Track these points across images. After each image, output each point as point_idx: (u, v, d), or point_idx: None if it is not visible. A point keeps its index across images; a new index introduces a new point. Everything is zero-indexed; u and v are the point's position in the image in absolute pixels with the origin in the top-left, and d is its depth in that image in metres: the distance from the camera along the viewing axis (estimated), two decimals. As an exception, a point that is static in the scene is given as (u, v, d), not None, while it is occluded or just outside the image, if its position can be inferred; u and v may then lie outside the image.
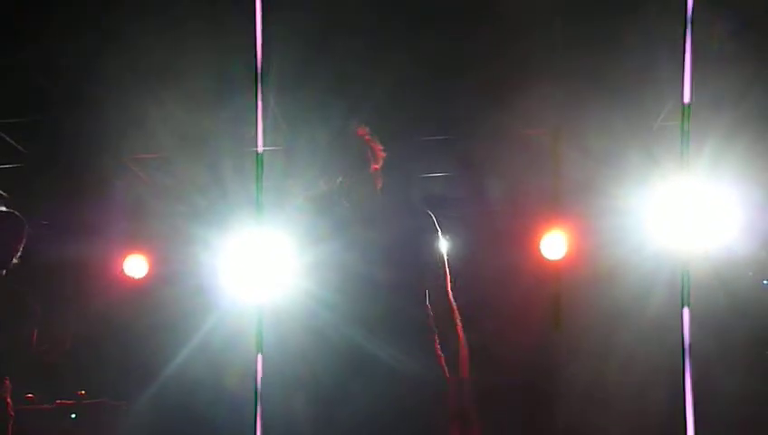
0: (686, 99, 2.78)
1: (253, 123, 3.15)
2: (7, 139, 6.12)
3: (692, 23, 2.82)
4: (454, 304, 3.74)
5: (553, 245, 6.35)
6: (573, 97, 5.85)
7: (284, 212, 5.39)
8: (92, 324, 6.53)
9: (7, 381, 4.42)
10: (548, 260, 6.37)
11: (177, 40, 5.16)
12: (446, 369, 3.64)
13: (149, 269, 6.66)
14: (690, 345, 2.92)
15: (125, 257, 6.68)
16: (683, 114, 2.90)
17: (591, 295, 6.08)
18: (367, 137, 3.71)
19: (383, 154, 3.74)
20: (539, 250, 6.38)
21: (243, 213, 5.88)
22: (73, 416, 6.48)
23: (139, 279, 6.68)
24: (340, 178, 3.62)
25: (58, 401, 6.47)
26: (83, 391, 6.56)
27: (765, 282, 6.31)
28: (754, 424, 5.85)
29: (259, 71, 2.93)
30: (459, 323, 3.74)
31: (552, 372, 6.40)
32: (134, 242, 6.66)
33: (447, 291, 3.71)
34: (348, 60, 5.62)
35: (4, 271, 4.35)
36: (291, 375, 4.30)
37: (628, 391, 5.91)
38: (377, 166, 3.71)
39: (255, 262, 5.61)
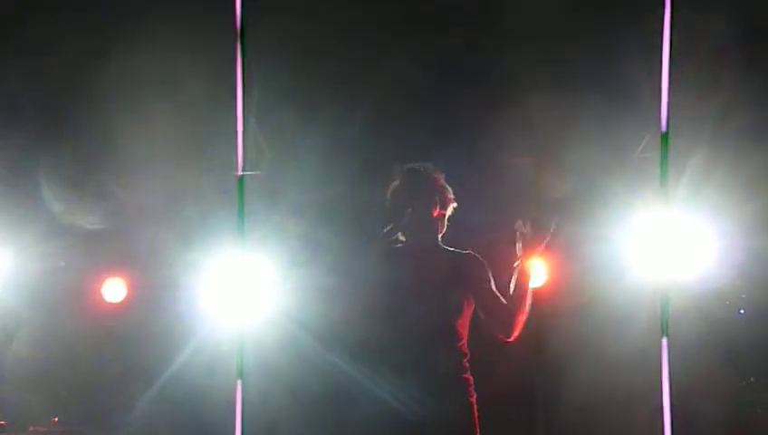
0: (664, 127, 2.82)
1: (234, 147, 3.16)
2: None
3: (669, 53, 2.87)
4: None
5: (534, 272, 6.36)
6: (555, 127, 5.90)
7: (266, 237, 5.39)
8: (70, 348, 6.48)
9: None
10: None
11: (164, 61, 5.17)
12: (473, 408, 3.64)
13: (128, 293, 6.63)
14: (669, 374, 2.94)
15: (104, 281, 6.64)
16: (661, 142, 2.93)
17: (572, 323, 6.10)
18: (440, 182, 3.72)
19: (452, 202, 3.74)
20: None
21: (224, 237, 5.86)
22: (48, 443, 6.42)
23: (117, 303, 6.64)
24: (408, 210, 3.61)
25: (32, 429, 6.40)
26: (56, 419, 6.50)
27: (742, 311, 6.36)
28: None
29: (239, 93, 2.95)
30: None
31: (533, 398, 6.41)
32: (113, 265, 6.63)
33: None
34: (329, 81, 5.64)
35: None
36: (273, 400, 4.29)
37: (610, 417, 5.93)
38: (443, 212, 3.71)
39: (237, 286, 5.59)
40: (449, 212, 3.77)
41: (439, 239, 3.76)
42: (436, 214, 3.71)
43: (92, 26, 5.42)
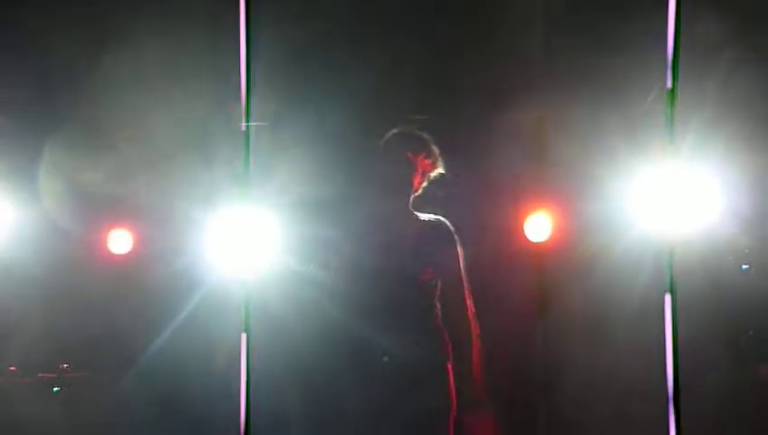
0: (669, 83, 2.81)
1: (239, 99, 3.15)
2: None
3: (677, 7, 2.84)
4: (468, 294, 3.74)
5: (538, 227, 6.39)
6: (559, 82, 5.89)
7: (272, 190, 5.41)
8: (76, 297, 6.52)
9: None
10: (532, 242, 6.42)
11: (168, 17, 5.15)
12: (450, 355, 3.66)
13: (134, 245, 6.65)
14: (675, 331, 2.95)
15: (108, 232, 6.66)
16: (667, 99, 2.93)
17: (575, 278, 6.13)
18: (420, 163, 3.69)
19: (435, 166, 3.71)
20: (523, 232, 6.42)
21: (229, 190, 5.88)
22: (56, 389, 6.48)
23: (122, 255, 6.66)
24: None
25: (40, 375, 6.47)
26: (66, 365, 6.56)
27: (745, 267, 6.37)
28: (738, 409, 5.93)
29: (242, 45, 2.93)
30: (473, 318, 3.74)
31: (536, 357, 6.45)
32: (118, 217, 6.65)
33: (461, 276, 3.71)
34: (336, 48, 5.63)
35: None
36: (278, 355, 4.33)
37: (614, 379, 5.98)
38: (422, 178, 3.69)
39: (241, 239, 5.61)
40: (434, 174, 3.75)
41: (410, 203, 3.73)
42: (416, 179, 3.69)
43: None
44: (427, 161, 3.75)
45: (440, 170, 3.80)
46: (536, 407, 6.32)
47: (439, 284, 3.71)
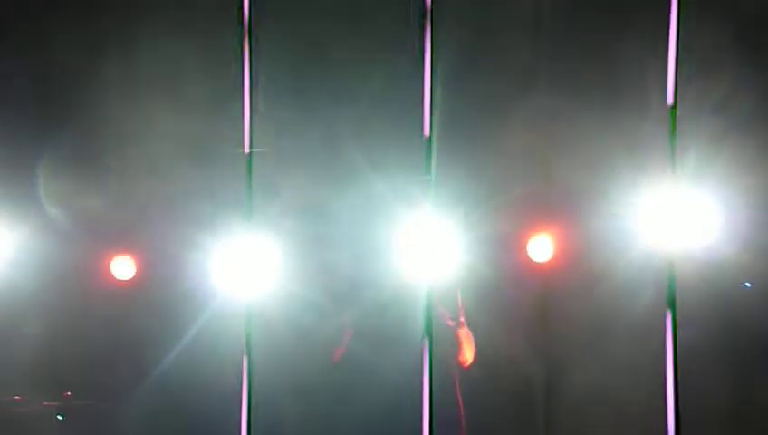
0: (670, 100, 2.82)
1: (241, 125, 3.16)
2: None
3: (677, 28, 2.86)
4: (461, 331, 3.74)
5: (540, 247, 6.39)
6: (561, 101, 5.91)
7: (273, 214, 5.42)
8: (79, 325, 6.52)
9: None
10: (535, 262, 6.41)
11: (169, 42, 5.18)
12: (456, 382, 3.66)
13: (137, 271, 6.65)
14: (675, 346, 2.95)
15: (112, 258, 6.67)
16: (670, 116, 2.93)
17: (578, 298, 6.12)
18: None
19: None
20: (526, 252, 6.42)
21: (232, 215, 5.89)
22: (60, 417, 6.47)
23: (126, 281, 6.67)
24: None
25: (45, 403, 6.46)
26: (69, 393, 6.55)
27: (748, 284, 6.36)
28: (738, 423, 5.90)
29: (246, 72, 2.95)
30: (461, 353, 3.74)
31: (539, 373, 6.42)
32: (122, 243, 6.65)
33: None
34: (336, 63, 5.65)
35: None
36: (279, 376, 4.32)
37: (615, 394, 5.96)
38: None
39: (244, 264, 5.62)
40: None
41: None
42: None
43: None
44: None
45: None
46: (537, 420, 6.30)
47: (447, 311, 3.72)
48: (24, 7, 5.51)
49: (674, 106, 3.08)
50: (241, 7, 3.05)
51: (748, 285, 6.36)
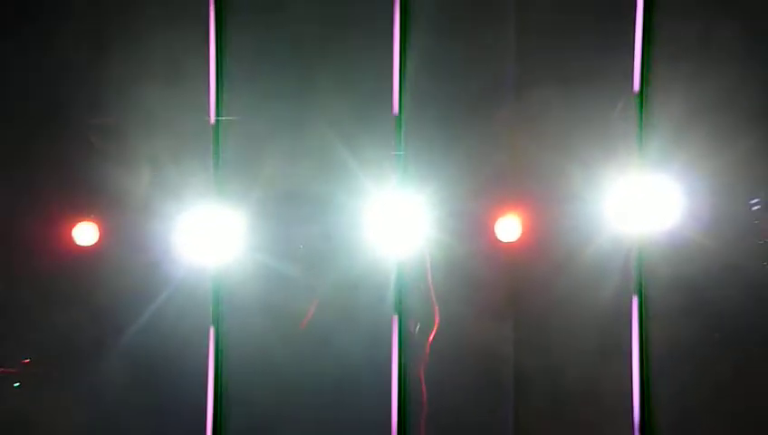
0: (636, 87, 2.82)
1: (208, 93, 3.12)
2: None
3: (645, 12, 2.85)
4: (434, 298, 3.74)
5: (508, 228, 6.41)
6: (531, 86, 5.92)
7: (241, 184, 5.38)
8: (39, 291, 6.44)
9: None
10: (503, 242, 6.43)
11: (136, 10, 5.13)
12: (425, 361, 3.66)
13: (100, 238, 6.57)
14: (642, 332, 2.97)
15: (75, 224, 6.58)
16: (636, 101, 2.93)
17: (545, 279, 6.15)
18: None
19: None
20: (493, 233, 6.43)
21: (198, 184, 5.84)
22: (16, 385, 6.40)
23: (88, 247, 6.58)
24: None
25: (1, 370, 6.38)
26: (27, 359, 6.47)
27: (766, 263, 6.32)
28: (706, 409, 5.97)
29: (212, 39, 2.89)
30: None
31: (505, 356, 6.45)
32: (85, 210, 6.57)
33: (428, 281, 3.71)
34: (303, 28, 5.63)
35: None
36: (246, 349, 4.29)
37: (581, 376, 6.00)
38: None
39: (210, 234, 5.58)
40: None
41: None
42: None
43: None
44: None
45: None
46: (505, 406, 6.33)
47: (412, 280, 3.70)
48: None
49: (640, 92, 3.07)
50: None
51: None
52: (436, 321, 4.04)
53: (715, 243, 6.22)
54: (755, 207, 6.03)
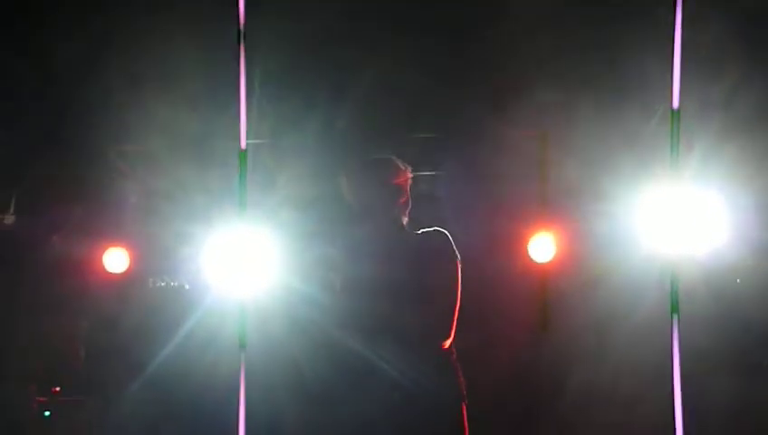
0: (675, 104, 2.75)
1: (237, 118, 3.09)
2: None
3: (681, 28, 2.79)
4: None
5: (541, 247, 6.32)
6: (564, 100, 5.86)
7: (269, 208, 5.33)
8: (70, 320, 6.45)
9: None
10: (536, 263, 6.35)
11: (165, 37, 5.13)
12: (461, 383, 3.57)
13: (130, 264, 6.56)
14: (679, 351, 2.87)
15: (105, 251, 6.58)
16: (672, 119, 2.86)
17: (579, 299, 6.06)
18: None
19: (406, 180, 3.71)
20: (527, 253, 6.35)
21: (227, 209, 5.82)
22: (47, 413, 6.39)
23: (119, 274, 6.57)
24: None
25: (34, 398, 6.38)
26: (58, 389, 6.47)
27: None
28: (742, 424, 5.86)
29: (242, 62, 2.87)
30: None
31: (540, 376, 6.37)
32: (115, 236, 6.57)
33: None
34: (337, 57, 5.60)
35: None
36: (276, 373, 4.23)
37: (617, 396, 5.91)
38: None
39: (239, 259, 5.54)
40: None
41: (404, 221, 3.70)
42: (402, 199, 3.68)
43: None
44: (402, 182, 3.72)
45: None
46: (540, 421, 6.26)
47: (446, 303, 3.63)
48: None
49: (677, 109, 2.99)
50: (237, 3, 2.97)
51: None
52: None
53: (757, 261, 6.10)
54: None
